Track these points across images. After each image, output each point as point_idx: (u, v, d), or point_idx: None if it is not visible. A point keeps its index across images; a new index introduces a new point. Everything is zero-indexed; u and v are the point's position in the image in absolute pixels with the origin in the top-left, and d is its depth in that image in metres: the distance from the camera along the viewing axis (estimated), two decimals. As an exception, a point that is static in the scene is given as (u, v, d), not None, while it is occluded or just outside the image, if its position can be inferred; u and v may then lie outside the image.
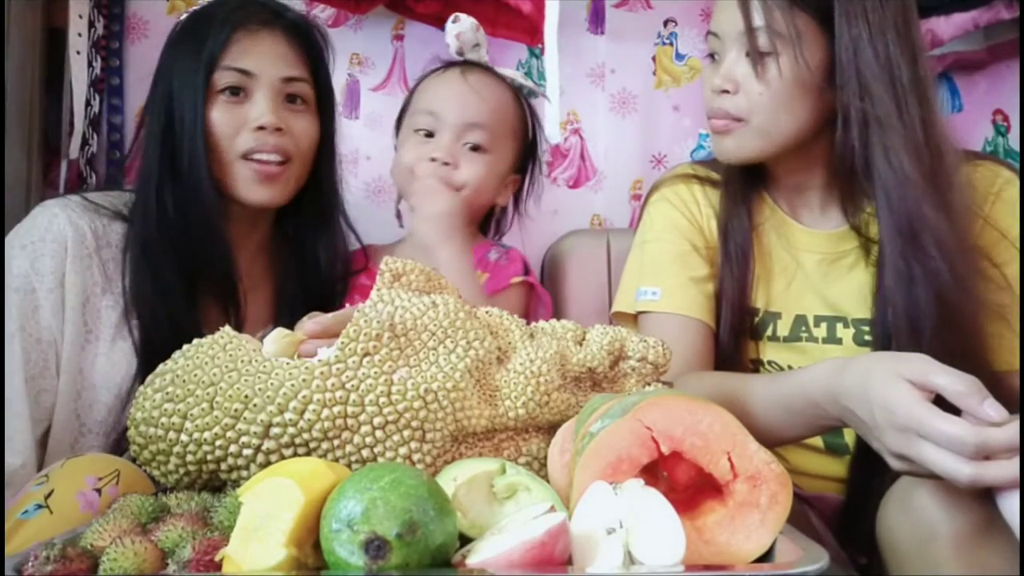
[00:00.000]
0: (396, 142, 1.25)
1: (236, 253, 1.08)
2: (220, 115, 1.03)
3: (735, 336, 1.05)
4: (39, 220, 0.99)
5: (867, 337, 1.00)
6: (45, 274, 0.96)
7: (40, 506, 0.70)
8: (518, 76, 1.21)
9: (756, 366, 1.08)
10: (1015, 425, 0.63)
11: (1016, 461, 0.63)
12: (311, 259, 1.16)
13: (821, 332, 1.03)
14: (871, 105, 0.93)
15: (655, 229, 1.13)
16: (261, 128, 1.03)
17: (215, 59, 1.02)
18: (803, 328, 1.05)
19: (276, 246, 1.18)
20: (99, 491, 0.71)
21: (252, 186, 1.05)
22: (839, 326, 1.03)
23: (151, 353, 0.98)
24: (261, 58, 1.05)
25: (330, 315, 0.81)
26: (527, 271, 1.20)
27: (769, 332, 1.07)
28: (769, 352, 1.07)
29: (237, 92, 1.04)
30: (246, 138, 1.03)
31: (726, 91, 0.98)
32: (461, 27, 1.17)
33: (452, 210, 1.08)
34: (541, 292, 1.22)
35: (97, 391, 0.99)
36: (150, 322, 1.00)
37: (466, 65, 1.18)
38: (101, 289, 1.00)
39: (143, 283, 1.01)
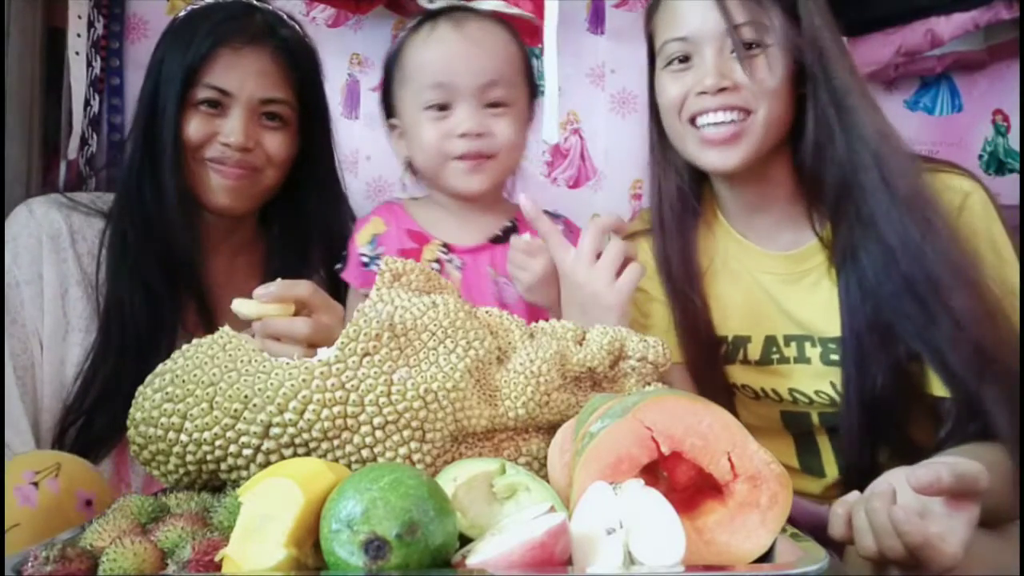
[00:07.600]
0: (393, 122, 1.11)
1: (210, 254, 1.09)
2: (195, 125, 1.04)
3: (707, 367, 1.05)
4: (18, 217, 1.04)
5: (833, 356, 0.98)
6: (23, 267, 1.00)
7: None
8: (500, 5, 1.12)
9: (729, 391, 1.07)
10: None
11: None
12: (300, 262, 1.16)
13: (791, 352, 1.01)
14: (835, 90, 0.93)
15: None
16: (227, 144, 1.04)
17: (194, 72, 1.03)
18: (774, 349, 1.03)
19: (259, 248, 1.18)
20: (36, 484, 0.73)
21: (214, 193, 1.06)
22: (807, 345, 1.01)
23: (121, 347, 1.00)
24: (241, 78, 1.04)
25: (277, 282, 0.85)
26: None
27: (740, 356, 1.05)
28: (741, 376, 1.06)
29: (215, 105, 1.04)
30: (214, 148, 1.05)
31: (724, 88, 0.95)
32: None
33: (545, 273, 0.99)
34: None
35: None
36: (129, 317, 1.01)
37: (447, 13, 1.04)
38: (75, 281, 1.03)
39: (120, 278, 1.03)
